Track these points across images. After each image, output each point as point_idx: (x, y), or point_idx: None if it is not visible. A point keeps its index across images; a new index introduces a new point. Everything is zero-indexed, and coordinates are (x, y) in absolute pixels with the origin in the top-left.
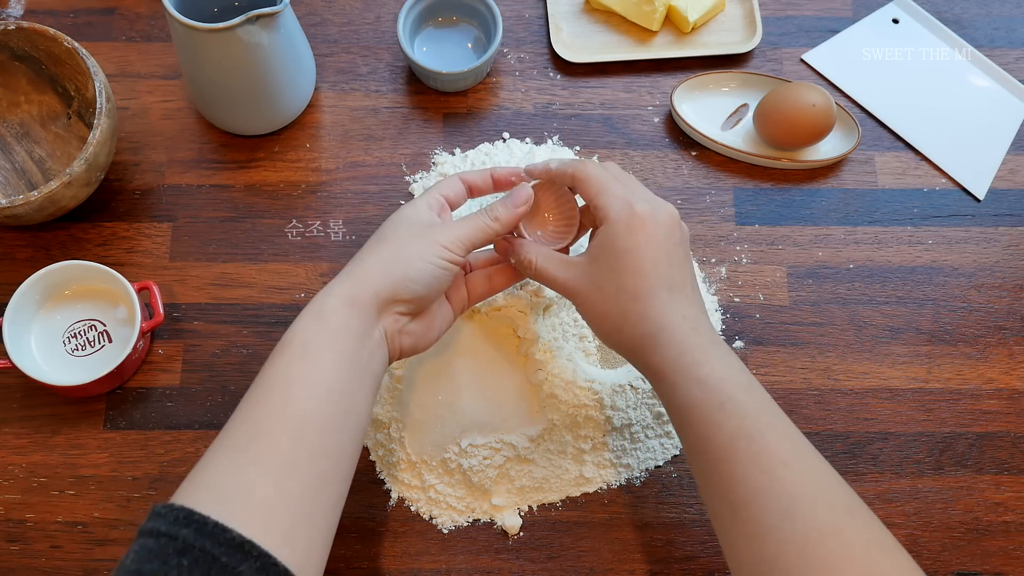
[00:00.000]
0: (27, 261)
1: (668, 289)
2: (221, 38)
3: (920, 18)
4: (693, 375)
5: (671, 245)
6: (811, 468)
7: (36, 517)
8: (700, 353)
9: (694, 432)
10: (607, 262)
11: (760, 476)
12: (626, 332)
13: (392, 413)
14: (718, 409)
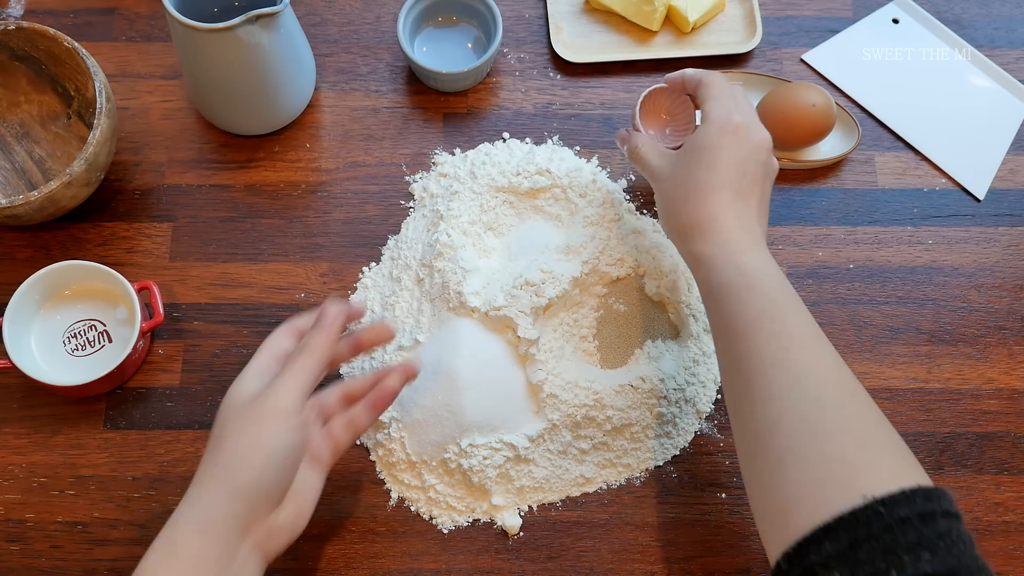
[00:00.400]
0: (27, 261)
1: (733, 192)
2: (221, 38)
3: (920, 18)
4: (732, 261)
5: (752, 161)
6: (825, 353)
7: (36, 517)
8: (742, 246)
9: (723, 310)
10: (692, 155)
11: (776, 351)
12: (683, 216)
13: (392, 413)
14: (747, 290)
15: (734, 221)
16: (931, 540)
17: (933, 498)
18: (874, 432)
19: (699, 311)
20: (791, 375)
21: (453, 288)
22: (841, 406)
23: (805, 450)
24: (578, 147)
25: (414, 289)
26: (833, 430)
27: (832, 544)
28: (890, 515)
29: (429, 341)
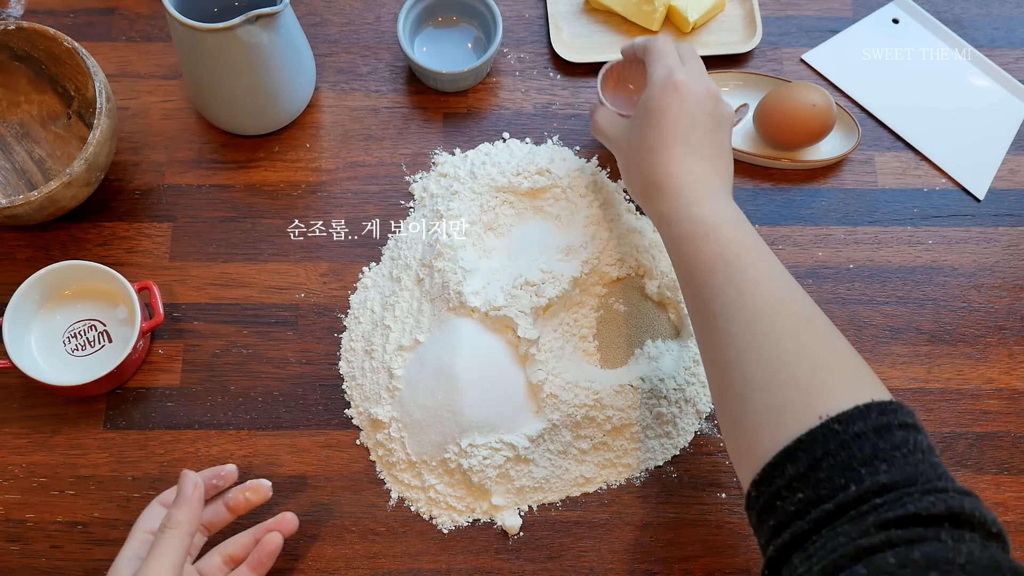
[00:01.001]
0: (27, 261)
1: (683, 146)
2: (221, 38)
3: (920, 18)
4: (686, 213)
5: (698, 112)
6: (779, 285)
7: (36, 517)
8: (696, 196)
9: (684, 261)
10: (640, 119)
11: (731, 291)
12: (641, 179)
13: (392, 413)
14: (703, 239)
15: (686, 175)
16: (887, 452)
17: (888, 411)
18: (829, 356)
19: None
20: (748, 312)
21: (453, 288)
22: (796, 335)
23: (763, 381)
24: (578, 147)
25: (414, 289)
26: (789, 358)
27: (793, 466)
28: (845, 431)
29: (429, 341)
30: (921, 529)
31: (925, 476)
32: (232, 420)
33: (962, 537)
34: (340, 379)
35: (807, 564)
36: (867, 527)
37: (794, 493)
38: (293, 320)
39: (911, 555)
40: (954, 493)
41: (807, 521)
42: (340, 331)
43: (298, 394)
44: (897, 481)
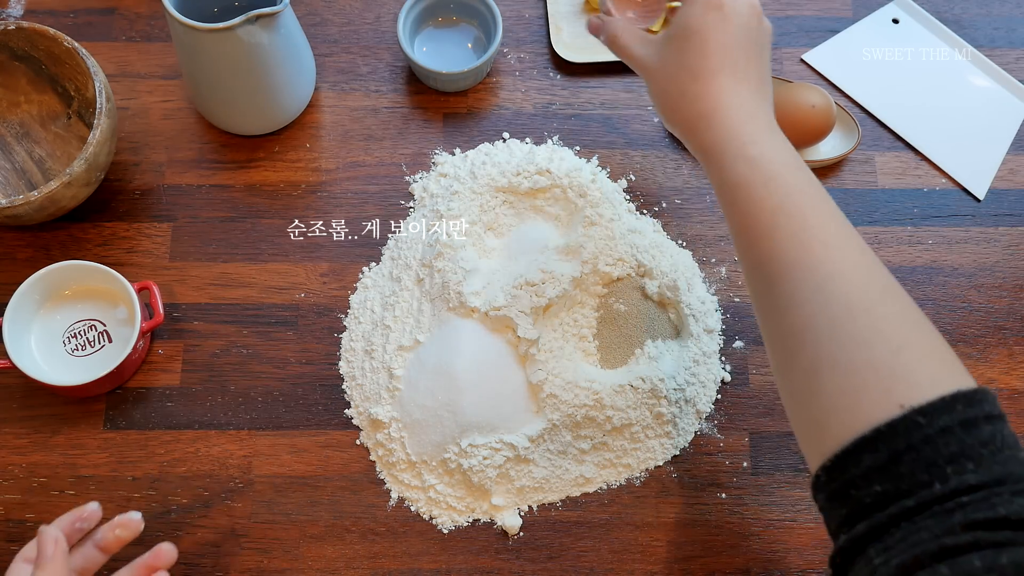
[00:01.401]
0: (27, 261)
1: (731, 74)
2: (221, 38)
3: (920, 18)
4: (742, 154)
5: (744, 33)
6: (850, 248)
7: (36, 517)
8: (751, 135)
9: (739, 210)
10: (678, 41)
11: (797, 251)
12: (682, 111)
13: (392, 413)
14: (762, 186)
15: (738, 108)
16: (974, 449)
17: (975, 403)
18: (909, 334)
19: (699, 311)
20: (816, 277)
21: (453, 288)
22: (871, 308)
23: (836, 359)
24: (578, 147)
25: (414, 289)
26: (865, 335)
27: (871, 457)
28: (930, 425)
29: (429, 341)
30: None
31: (1015, 476)
32: (232, 420)
33: None
34: (340, 379)
35: (884, 556)
36: (952, 526)
37: (871, 484)
38: (293, 320)
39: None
40: None
41: (885, 515)
42: (340, 331)
43: (298, 394)
44: (985, 482)
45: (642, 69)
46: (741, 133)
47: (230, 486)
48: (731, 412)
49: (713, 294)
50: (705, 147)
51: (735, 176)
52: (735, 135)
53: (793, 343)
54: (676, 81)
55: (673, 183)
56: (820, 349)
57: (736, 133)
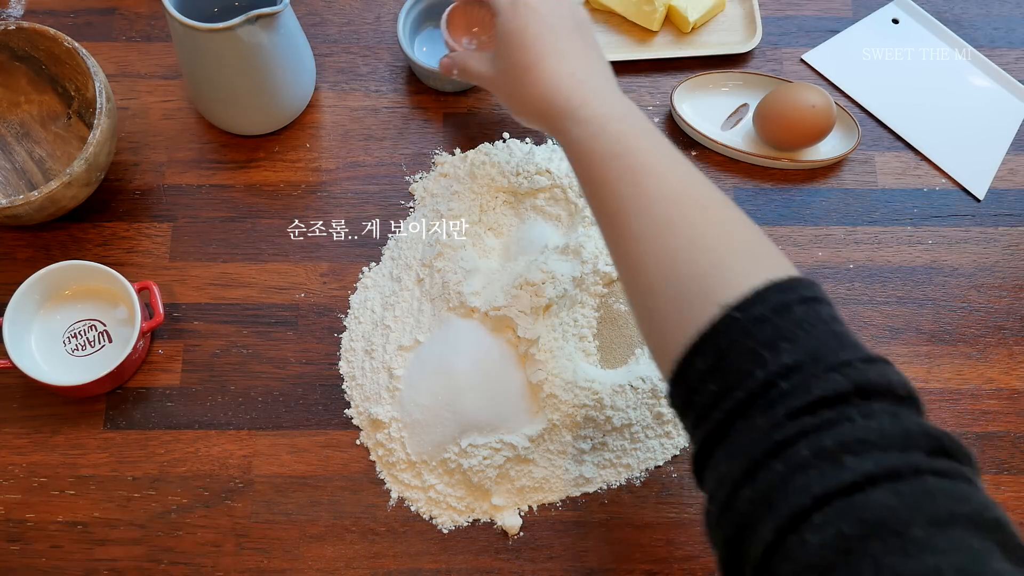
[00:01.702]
0: (27, 261)
1: (554, 54)
2: (221, 38)
3: (920, 18)
4: (575, 117)
5: (554, 19)
6: (672, 172)
7: (36, 517)
8: (580, 99)
9: (581, 169)
10: (503, 47)
11: (628, 188)
12: (525, 102)
13: (392, 413)
14: (594, 139)
15: (567, 81)
16: (788, 330)
17: (787, 289)
18: (726, 238)
19: None
20: (642, 205)
21: (453, 288)
22: (691, 219)
23: (665, 277)
24: None
25: (414, 289)
26: (686, 247)
27: (702, 360)
28: (746, 317)
29: (429, 341)
30: (829, 412)
31: (828, 349)
32: (232, 420)
33: (871, 411)
34: (340, 379)
35: (728, 463)
36: (778, 419)
37: (706, 386)
38: (293, 320)
39: (823, 443)
40: (858, 364)
41: (721, 411)
42: (340, 331)
43: (298, 394)
44: (800, 360)
45: (488, 83)
46: (573, 101)
47: (230, 486)
48: None
49: None
50: (554, 128)
51: (573, 140)
52: (568, 104)
53: (634, 274)
54: (513, 80)
55: None
56: (653, 273)
57: (570, 103)
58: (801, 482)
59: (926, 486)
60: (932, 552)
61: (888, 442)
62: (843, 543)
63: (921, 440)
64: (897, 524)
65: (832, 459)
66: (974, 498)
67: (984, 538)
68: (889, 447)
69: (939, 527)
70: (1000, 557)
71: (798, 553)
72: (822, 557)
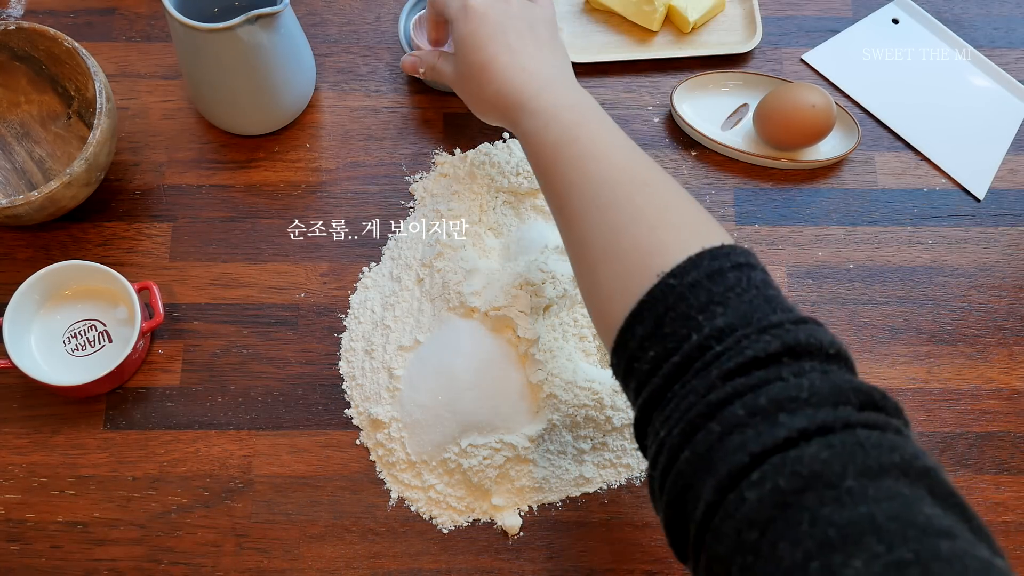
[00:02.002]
0: (27, 261)
1: (508, 53)
2: (221, 38)
3: (920, 18)
4: (527, 109)
5: (506, 19)
6: (617, 155)
7: (36, 517)
8: (533, 91)
9: (535, 159)
10: (460, 48)
11: (574, 173)
12: (484, 99)
13: (392, 413)
14: (546, 129)
15: (519, 75)
16: (721, 295)
17: (719, 255)
18: (664, 213)
19: None
20: (590, 189)
21: (453, 288)
22: (632, 198)
23: (607, 252)
24: None
25: (414, 289)
26: (627, 223)
27: (641, 327)
28: (680, 284)
29: (429, 341)
30: (762, 372)
31: (760, 312)
32: (232, 420)
33: (802, 370)
34: (340, 379)
35: (667, 427)
36: (712, 381)
37: (646, 352)
38: (293, 320)
39: (757, 402)
40: (788, 325)
41: (660, 377)
42: (340, 331)
43: (298, 394)
44: (733, 323)
45: (452, 82)
46: (526, 94)
47: (230, 486)
48: None
49: None
50: (507, 118)
51: (526, 130)
52: (521, 97)
53: (580, 250)
54: (472, 79)
55: None
56: (596, 249)
57: (523, 96)
58: (737, 441)
59: (857, 439)
60: (865, 501)
61: (819, 399)
62: (780, 497)
63: (851, 395)
64: (831, 476)
65: (767, 417)
66: (904, 448)
67: (914, 485)
68: (821, 403)
69: (871, 477)
70: (931, 503)
71: (737, 510)
72: (760, 512)
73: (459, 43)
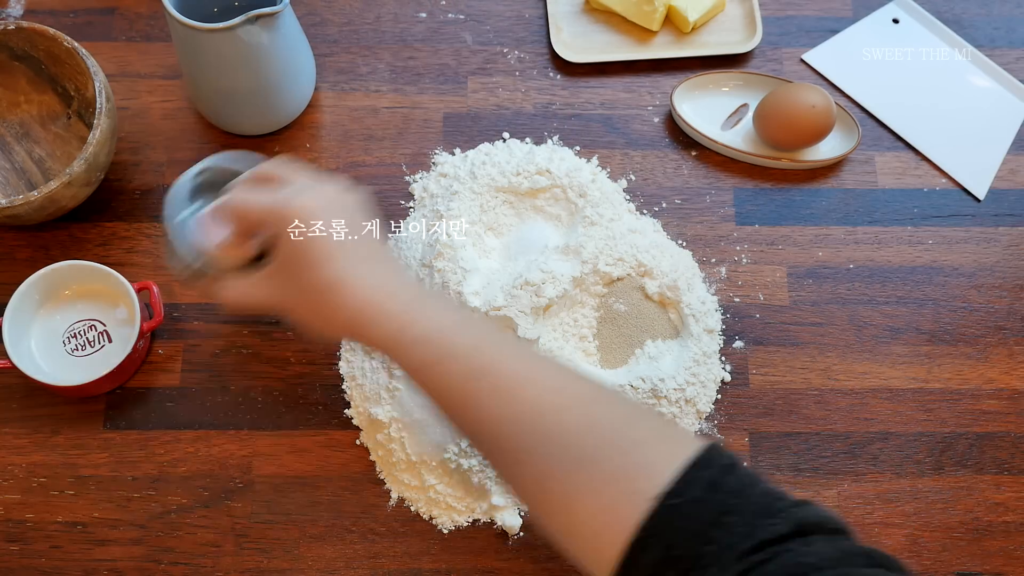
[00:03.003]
0: (27, 261)
1: (350, 270)
2: (221, 38)
3: (920, 18)
4: (407, 338)
5: (334, 232)
6: (545, 375)
7: (36, 517)
8: (404, 315)
9: (434, 391)
10: (287, 268)
11: (506, 407)
12: (335, 323)
13: (392, 413)
14: (445, 360)
15: (373, 293)
16: (727, 503)
17: (707, 463)
18: (629, 430)
19: (699, 311)
20: (529, 422)
21: (453, 288)
22: (587, 421)
23: (580, 487)
24: (578, 147)
25: None
26: (593, 451)
27: (649, 554)
28: (684, 502)
29: None
30: (773, 547)
31: (763, 509)
32: (232, 420)
33: (808, 542)
34: (340, 379)
35: None
36: (726, 565)
37: None
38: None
39: (767, 569)
40: (790, 510)
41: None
42: None
43: (298, 394)
44: (749, 525)
45: (276, 308)
46: (392, 319)
47: (230, 486)
48: (731, 412)
49: (713, 294)
50: (375, 344)
51: (415, 361)
52: (392, 323)
53: (537, 492)
54: (311, 304)
55: (673, 183)
56: (563, 483)
57: (389, 321)
58: None
59: None
60: None
61: (826, 563)
62: None
63: (858, 559)
64: None
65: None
66: None
67: None
68: (827, 567)
69: None
70: None
71: None
72: None
73: (284, 260)
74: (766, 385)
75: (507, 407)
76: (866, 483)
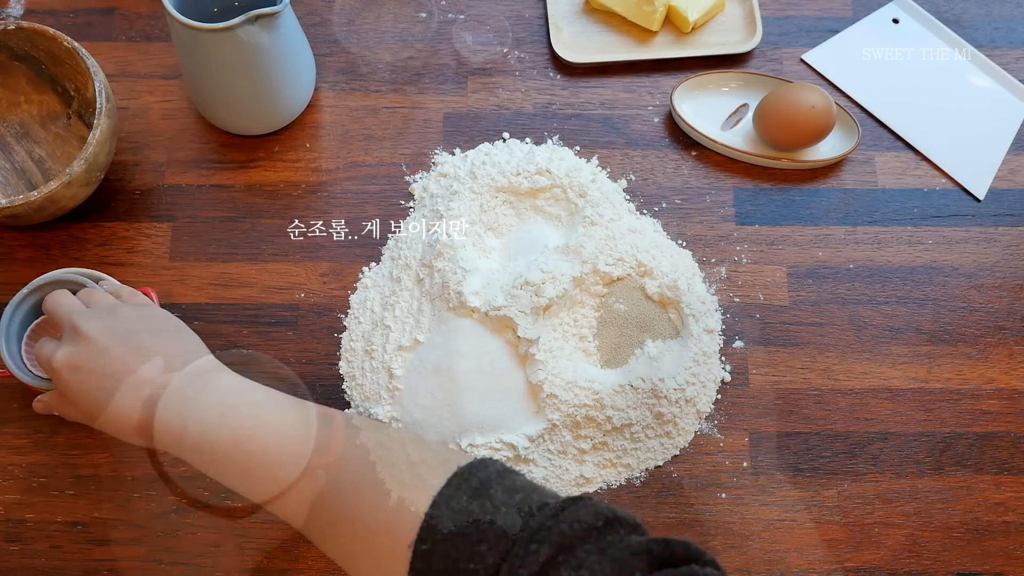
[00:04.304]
0: (27, 261)
1: (136, 384)
2: (221, 38)
3: (920, 18)
4: (213, 421)
5: (111, 339)
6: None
7: (36, 517)
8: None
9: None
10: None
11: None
12: (133, 431)
13: (392, 413)
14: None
15: (179, 398)
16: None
17: (455, 496)
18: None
19: (699, 311)
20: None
21: (453, 288)
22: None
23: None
24: (578, 147)
25: (414, 289)
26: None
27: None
28: (437, 543)
29: (429, 341)
30: None
31: (524, 531)
32: None
33: (577, 561)
34: (340, 379)
35: None
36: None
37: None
38: (293, 320)
39: None
40: (551, 523)
41: None
42: (340, 331)
43: (298, 394)
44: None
45: (89, 420)
46: (192, 401)
47: None
48: (731, 412)
49: (713, 294)
50: (173, 449)
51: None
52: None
53: (334, 554)
54: (100, 408)
55: (673, 183)
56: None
57: (188, 403)
58: None
59: None
60: None
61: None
62: None
63: (637, 561)
64: None
65: None
66: None
67: None
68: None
69: None
70: None
71: None
72: None
73: (63, 382)
74: (766, 385)
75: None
76: (866, 483)
